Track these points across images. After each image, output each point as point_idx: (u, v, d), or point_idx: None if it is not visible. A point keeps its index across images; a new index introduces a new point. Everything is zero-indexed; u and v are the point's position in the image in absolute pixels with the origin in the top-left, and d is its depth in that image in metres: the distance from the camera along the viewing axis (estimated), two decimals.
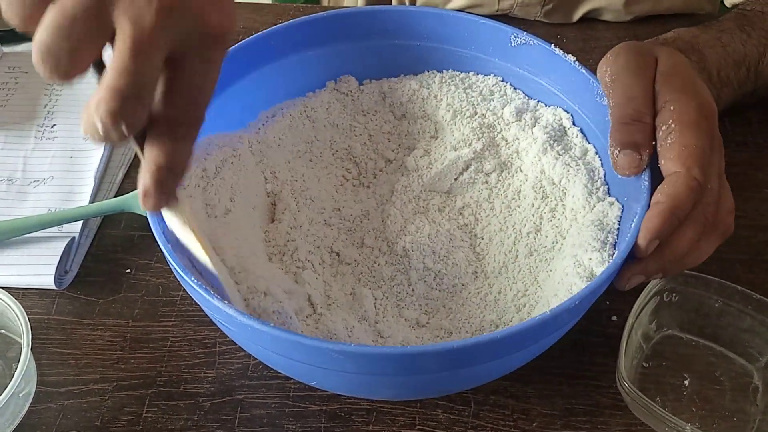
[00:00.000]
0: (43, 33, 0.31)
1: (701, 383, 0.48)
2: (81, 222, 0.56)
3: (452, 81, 0.56)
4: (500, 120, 0.54)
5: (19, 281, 0.53)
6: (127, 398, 0.48)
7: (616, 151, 0.45)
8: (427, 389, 0.45)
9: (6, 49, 0.71)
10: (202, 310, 0.53)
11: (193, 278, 0.40)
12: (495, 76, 0.56)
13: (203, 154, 0.48)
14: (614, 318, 0.51)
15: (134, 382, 0.49)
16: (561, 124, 0.53)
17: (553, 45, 0.52)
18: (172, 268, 0.42)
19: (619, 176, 0.46)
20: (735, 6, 0.65)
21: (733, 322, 0.49)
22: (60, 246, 0.54)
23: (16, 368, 0.45)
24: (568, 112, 0.53)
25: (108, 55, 0.32)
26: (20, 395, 0.47)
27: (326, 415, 0.47)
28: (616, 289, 0.44)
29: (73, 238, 0.55)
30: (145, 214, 0.56)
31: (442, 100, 0.56)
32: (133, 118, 0.32)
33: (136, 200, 0.56)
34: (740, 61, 0.56)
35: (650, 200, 0.43)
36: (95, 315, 0.53)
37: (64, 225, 0.56)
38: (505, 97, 0.55)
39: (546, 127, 0.52)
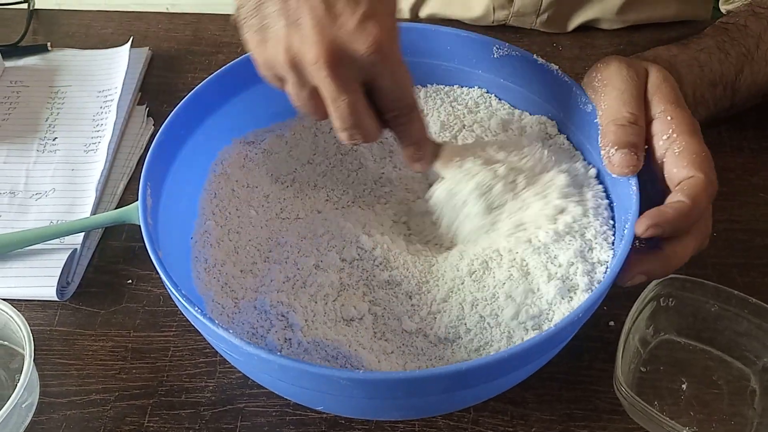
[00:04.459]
0: (337, 122, 0.43)
1: (699, 387, 0.48)
2: (83, 234, 0.57)
3: (437, 95, 0.57)
4: (488, 132, 0.55)
5: (21, 293, 0.54)
6: (129, 408, 0.49)
7: (612, 150, 0.46)
8: (439, 407, 0.46)
9: (8, 63, 0.71)
10: None
11: (197, 308, 0.40)
12: (479, 88, 0.56)
13: None
14: (611, 323, 0.52)
15: (136, 392, 0.49)
16: (546, 132, 0.53)
17: (535, 54, 0.52)
18: (170, 293, 0.42)
19: (614, 176, 0.47)
20: (729, 12, 0.65)
21: (729, 326, 0.49)
22: (62, 258, 0.55)
23: (19, 379, 0.45)
24: (552, 120, 0.54)
25: None
26: (23, 406, 0.47)
27: (326, 422, 0.48)
28: (617, 285, 0.44)
29: (75, 249, 0.56)
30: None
31: (428, 114, 0.56)
32: (365, 135, 0.44)
33: (137, 212, 0.57)
34: (715, 80, 0.56)
35: (640, 203, 0.44)
36: (97, 326, 0.53)
37: (66, 237, 0.56)
38: (490, 108, 0.56)
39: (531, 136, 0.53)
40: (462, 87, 0.57)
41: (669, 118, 0.46)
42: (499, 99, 0.56)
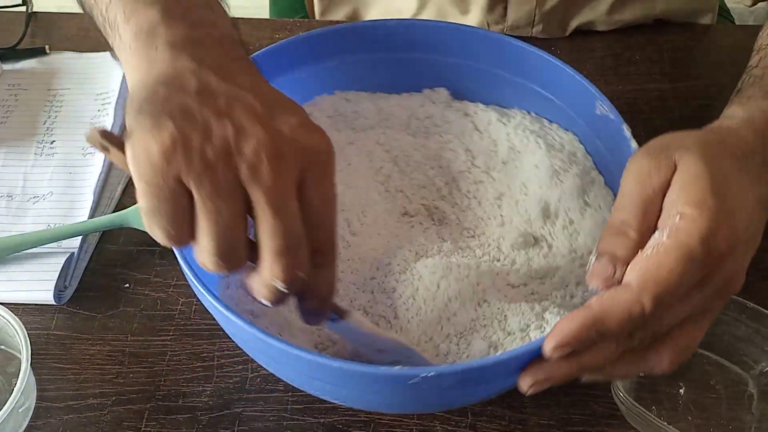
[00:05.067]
0: (206, 240, 0.34)
1: (697, 392, 0.48)
2: (80, 237, 0.57)
3: (532, 125, 0.56)
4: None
5: (18, 297, 0.54)
6: (126, 412, 0.49)
7: (593, 258, 0.39)
8: (440, 404, 0.46)
9: (6, 66, 0.71)
10: (200, 325, 0.53)
11: (211, 293, 0.40)
12: (574, 134, 0.55)
13: None
14: None
15: (133, 396, 0.49)
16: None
17: (625, 125, 0.49)
18: (191, 284, 0.42)
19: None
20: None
21: (727, 330, 0.49)
22: (59, 261, 0.55)
23: (16, 383, 0.45)
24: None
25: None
26: (20, 410, 0.47)
27: (324, 427, 0.48)
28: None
29: (73, 253, 0.56)
30: (142, 228, 0.57)
31: (518, 141, 0.55)
32: (304, 264, 0.36)
33: (135, 215, 0.57)
34: None
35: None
36: (94, 330, 0.53)
37: (63, 240, 0.56)
38: (574, 159, 0.53)
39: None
40: (560, 127, 0.55)
41: (677, 219, 0.37)
42: (587, 152, 0.54)
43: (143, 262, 0.57)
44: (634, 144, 0.48)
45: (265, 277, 0.35)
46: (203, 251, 0.35)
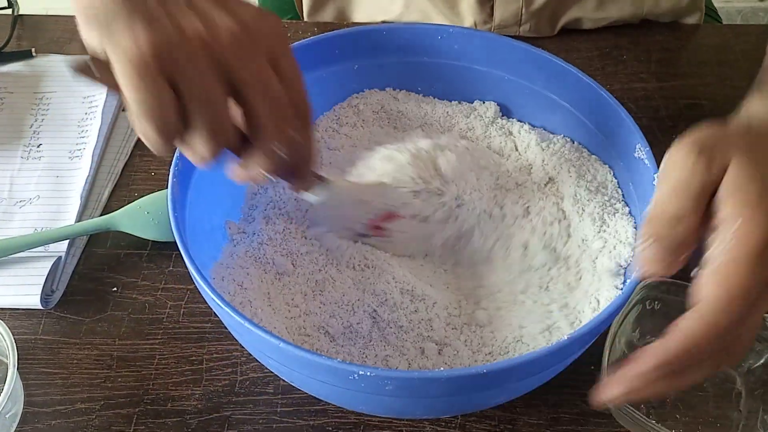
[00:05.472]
0: (198, 122, 0.37)
1: (684, 390, 0.49)
2: (67, 241, 0.56)
3: (570, 154, 0.56)
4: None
5: (5, 302, 0.54)
6: (114, 417, 0.48)
7: (649, 242, 0.38)
8: (463, 407, 0.46)
9: None
10: (189, 328, 0.53)
11: (231, 307, 0.40)
12: (610, 168, 0.54)
13: None
14: None
15: (121, 400, 0.49)
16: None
17: (656, 175, 0.45)
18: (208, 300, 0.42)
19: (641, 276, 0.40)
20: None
21: None
22: (46, 265, 0.55)
23: (3, 389, 0.45)
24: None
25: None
26: (7, 416, 0.47)
27: (314, 429, 0.48)
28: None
29: (60, 257, 0.56)
30: (130, 232, 0.57)
31: (552, 167, 0.56)
32: (294, 123, 0.40)
33: (122, 219, 0.57)
34: None
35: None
36: (82, 334, 0.53)
37: (51, 244, 0.56)
38: (603, 191, 0.53)
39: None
40: (599, 161, 0.55)
41: (737, 224, 0.36)
42: (618, 185, 0.54)
43: (131, 266, 0.57)
44: None
45: (266, 144, 0.39)
46: (196, 137, 0.37)
